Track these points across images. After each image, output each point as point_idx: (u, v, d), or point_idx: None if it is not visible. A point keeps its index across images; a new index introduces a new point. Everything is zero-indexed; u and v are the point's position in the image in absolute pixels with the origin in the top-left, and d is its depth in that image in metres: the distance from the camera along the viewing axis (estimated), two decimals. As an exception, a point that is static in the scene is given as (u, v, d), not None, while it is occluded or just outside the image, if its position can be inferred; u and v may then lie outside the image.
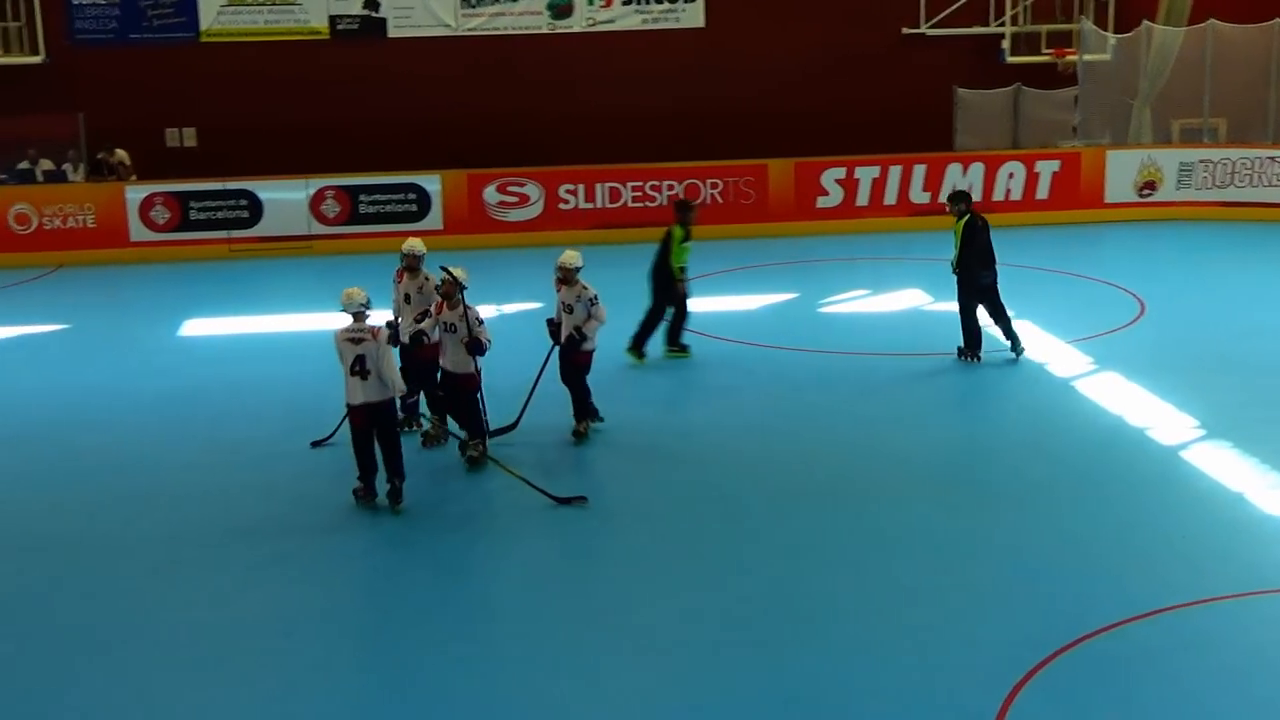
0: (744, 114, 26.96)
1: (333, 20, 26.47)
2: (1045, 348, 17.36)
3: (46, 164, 25.61)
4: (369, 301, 12.49)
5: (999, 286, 16.71)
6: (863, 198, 25.20)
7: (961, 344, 16.83)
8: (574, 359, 14.37)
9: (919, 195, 25.52)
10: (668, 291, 17.07)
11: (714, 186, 25.22)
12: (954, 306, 16.88)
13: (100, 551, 11.93)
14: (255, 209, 24.63)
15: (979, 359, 16.72)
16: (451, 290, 13.13)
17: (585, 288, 14.28)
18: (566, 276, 14.34)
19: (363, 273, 22.08)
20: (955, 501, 12.60)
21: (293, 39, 26.51)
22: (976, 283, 16.55)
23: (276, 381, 16.72)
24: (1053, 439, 14.23)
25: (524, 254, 13.72)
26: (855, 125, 26.90)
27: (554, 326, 14.42)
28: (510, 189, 24.86)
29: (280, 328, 19.68)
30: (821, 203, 25.44)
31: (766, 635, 10.16)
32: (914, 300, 20.20)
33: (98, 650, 10.17)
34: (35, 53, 25.41)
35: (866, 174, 25.39)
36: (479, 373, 13.41)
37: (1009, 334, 16.79)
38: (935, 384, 16.33)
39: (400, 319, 14.01)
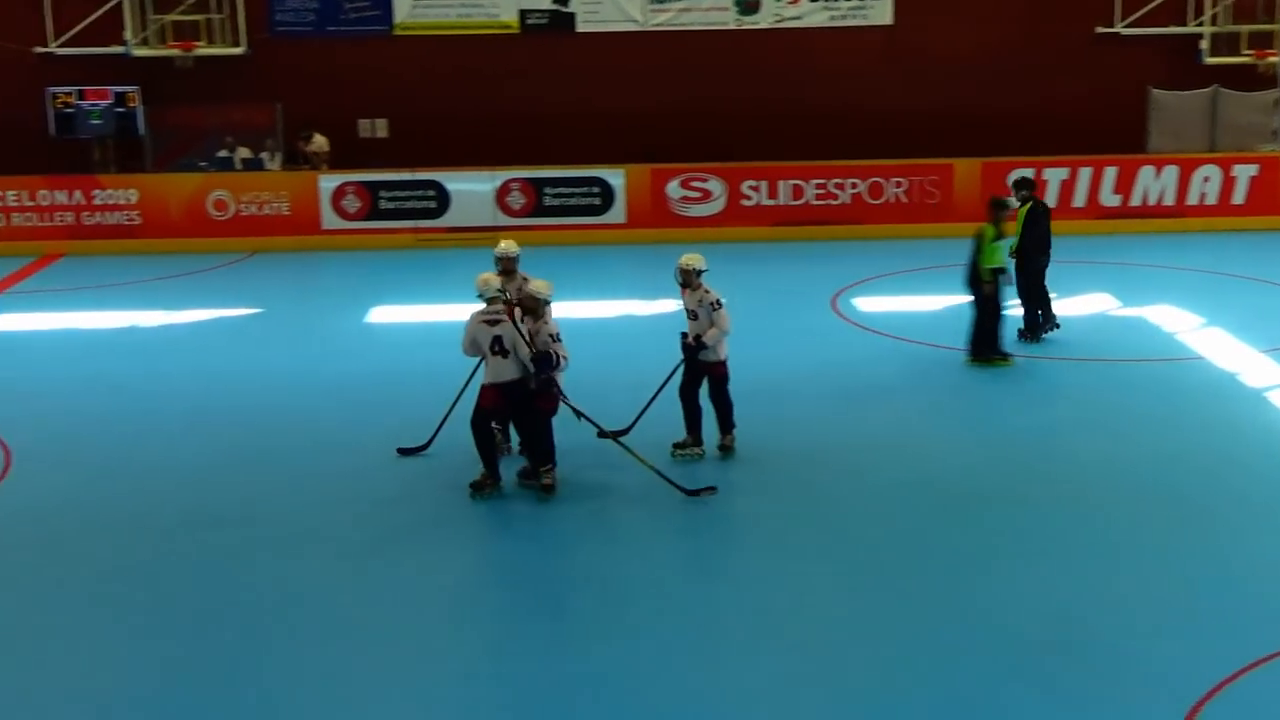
0: (930, 112, 26.60)
1: (523, 15, 26.75)
2: (1238, 356, 16.89)
3: (245, 152, 26.34)
4: (504, 288, 13.08)
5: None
6: (1050, 199, 24.77)
7: (1021, 327, 17.58)
8: (704, 371, 13.60)
9: (1109, 198, 24.98)
10: (990, 290, 16.35)
11: (898, 185, 24.98)
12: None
13: (284, 529, 12.32)
14: (442, 199, 25.06)
15: (1039, 339, 17.60)
16: (534, 306, 12.76)
17: (707, 291, 13.44)
18: (687, 279, 13.54)
19: (545, 265, 22.34)
20: (1146, 511, 12.35)
21: (483, 33, 26.84)
22: (1032, 266, 17.42)
23: (458, 369, 17.02)
24: (1244, 450, 13.84)
25: (705, 250, 13.60)
26: (1044, 125, 26.38)
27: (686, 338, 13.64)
28: (693, 184, 24.93)
29: (463, 317, 19.93)
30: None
31: (938, 638, 10.08)
32: (1101, 305, 19.79)
33: (287, 628, 10.51)
34: (236, 44, 26.11)
35: (1055, 175, 24.91)
36: (559, 396, 12.79)
37: (1047, 315, 17.73)
38: (1124, 390, 15.97)
39: None
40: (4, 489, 13.32)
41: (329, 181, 25.09)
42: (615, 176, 25.07)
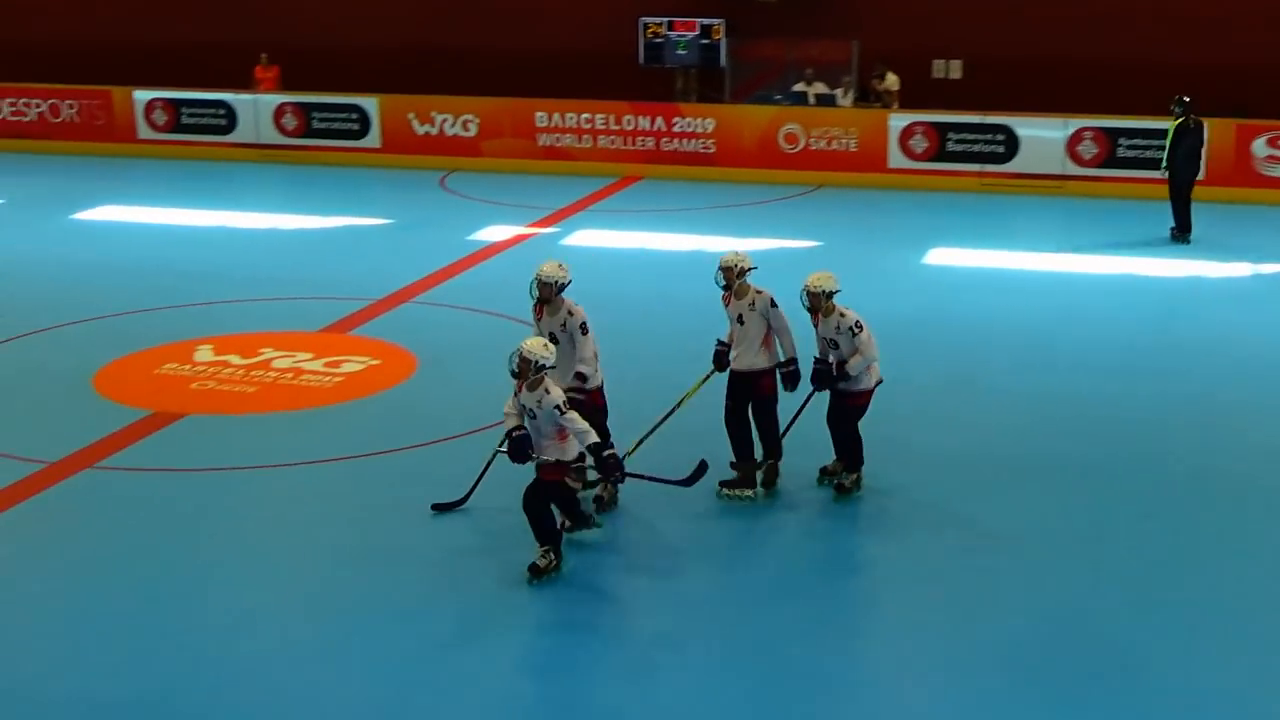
0: None
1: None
2: None
3: (819, 87, 26.77)
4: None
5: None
6: None
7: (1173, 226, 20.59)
8: (847, 401, 11.58)
9: None
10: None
11: None
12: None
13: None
14: (1011, 144, 24.60)
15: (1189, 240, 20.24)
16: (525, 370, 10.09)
17: (844, 314, 11.38)
18: (816, 304, 11.40)
19: (1113, 218, 21.68)
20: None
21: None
22: (1179, 177, 20.45)
23: (1016, 316, 16.88)
24: None
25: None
26: None
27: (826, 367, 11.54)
28: (1282, 143, 23.44)
29: (1025, 265, 19.72)
30: None
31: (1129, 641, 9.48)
32: None
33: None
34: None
35: None
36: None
37: (1183, 226, 20.63)
38: None
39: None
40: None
41: (899, 120, 25.13)
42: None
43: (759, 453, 11.76)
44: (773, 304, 11.40)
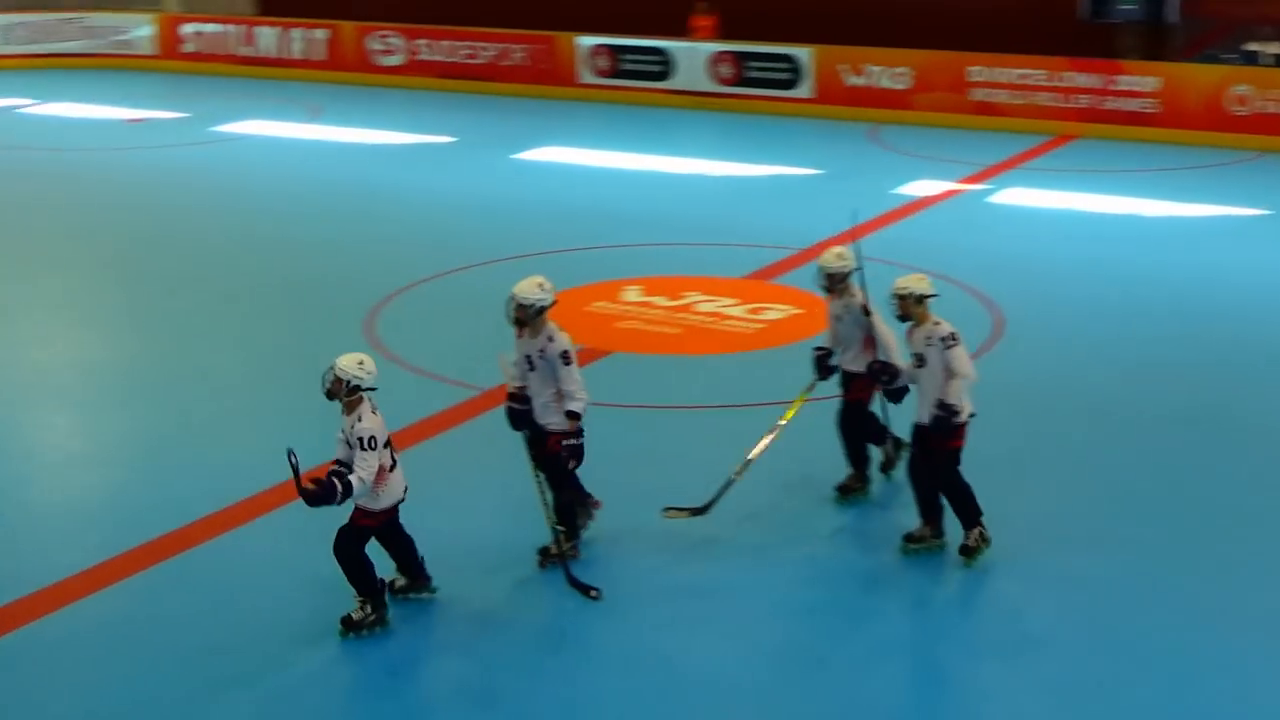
0: None
1: None
2: None
3: (1276, 47, 25.27)
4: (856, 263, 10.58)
5: None
6: None
7: None
8: (942, 444, 9.69)
9: None
10: None
11: None
12: None
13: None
14: None
15: None
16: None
17: (937, 323, 9.68)
18: (907, 310, 9.74)
19: None
20: None
21: None
22: None
23: None
24: None
25: None
26: None
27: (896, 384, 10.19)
28: None
29: None
30: None
31: None
32: None
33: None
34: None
35: None
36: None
37: None
38: None
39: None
40: (992, 357, 13.99)
41: (1364, 84, 23.47)
42: None
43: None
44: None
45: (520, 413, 9.73)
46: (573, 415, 9.56)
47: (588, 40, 28.95)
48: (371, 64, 31.16)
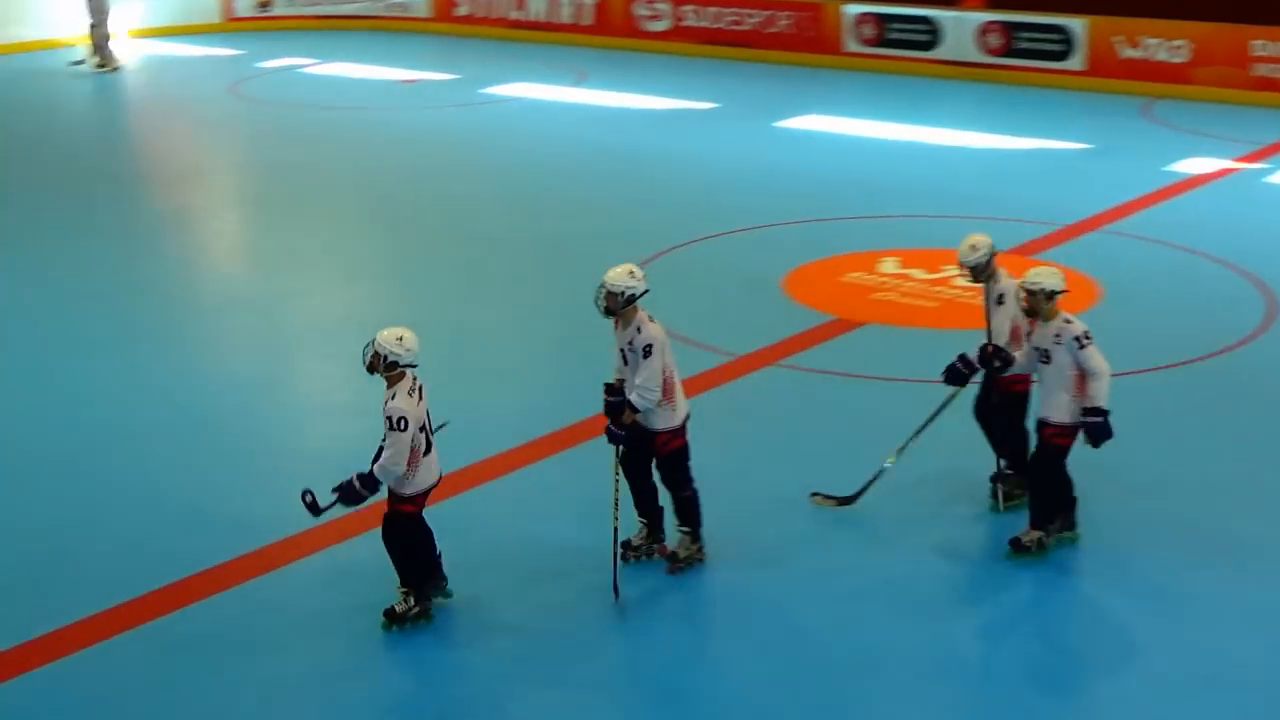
0: None
1: None
2: None
3: None
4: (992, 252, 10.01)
5: None
6: None
7: None
8: (1050, 441, 9.45)
9: None
10: None
11: None
12: None
13: None
14: None
15: None
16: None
17: (1069, 321, 9.27)
18: (1036, 306, 9.34)
19: None
20: None
21: None
22: None
23: None
24: None
25: None
26: None
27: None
28: None
29: None
30: None
31: None
32: None
33: None
34: None
35: None
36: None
37: None
38: None
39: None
40: (1263, 342, 13.50)
41: None
42: None
43: None
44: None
45: (615, 405, 9.44)
46: (631, 407, 9.21)
47: (854, 8, 28.68)
48: (637, 29, 31.43)
